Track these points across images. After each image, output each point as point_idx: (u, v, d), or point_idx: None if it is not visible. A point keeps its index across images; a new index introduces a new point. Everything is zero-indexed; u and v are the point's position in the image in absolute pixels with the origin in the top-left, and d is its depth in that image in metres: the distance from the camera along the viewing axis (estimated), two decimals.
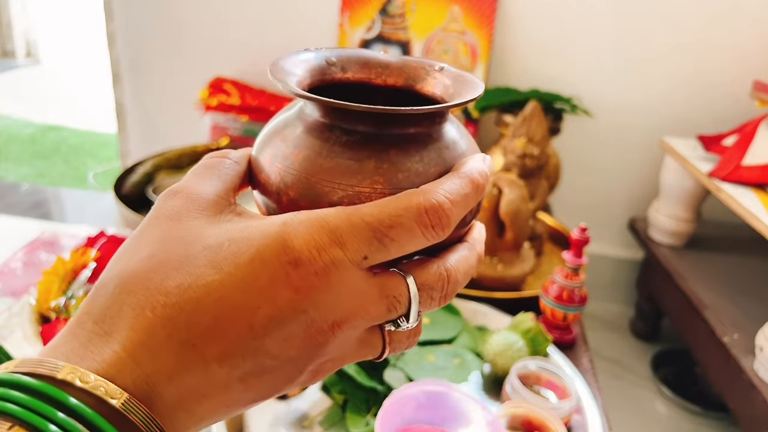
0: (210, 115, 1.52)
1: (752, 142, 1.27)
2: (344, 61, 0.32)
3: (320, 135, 0.28)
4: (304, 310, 0.24)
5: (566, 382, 0.78)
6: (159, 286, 0.24)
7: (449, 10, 1.50)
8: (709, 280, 1.39)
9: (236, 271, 0.24)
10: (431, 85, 0.32)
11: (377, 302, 0.25)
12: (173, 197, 0.27)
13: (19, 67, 4.29)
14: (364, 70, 0.32)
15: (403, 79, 0.32)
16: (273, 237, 0.24)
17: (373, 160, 0.27)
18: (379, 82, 0.32)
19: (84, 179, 2.60)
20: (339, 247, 0.24)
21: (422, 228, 0.25)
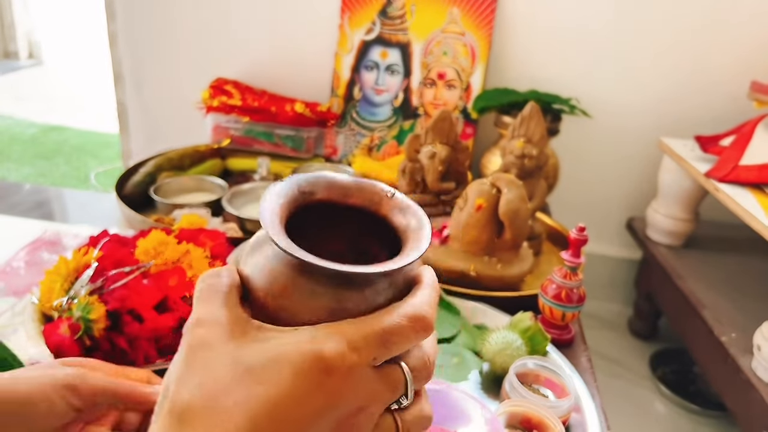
0: (211, 115, 1.53)
1: (750, 142, 1.28)
2: (312, 185, 0.36)
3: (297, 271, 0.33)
4: (336, 406, 0.30)
5: (565, 380, 0.79)
6: (217, 411, 0.29)
7: (449, 11, 1.51)
8: (707, 279, 1.40)
9: (282, 384, 0.29)
10: (388, 210, 0.37)
11: (384, 389, 0.32)
12: (199, 328, 0.32)
13: (21, 67, 4.30)
14: (330, 192, 0.37)
15: (363, 201, 0.37)
16: (307, 353, 0.29)
17: (336, 297, 0.32)
18: (345, 202, 0.37)
19: (86, 179, 2.62)
20: (357, 353, 0.30)
21: (415, 333, 0.32)
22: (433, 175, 1.19)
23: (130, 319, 0.75)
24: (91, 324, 0.72)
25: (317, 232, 0.35)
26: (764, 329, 1.09)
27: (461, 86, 1.54)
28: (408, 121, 1.58)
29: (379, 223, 0.37)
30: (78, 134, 3.14)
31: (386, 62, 1.56)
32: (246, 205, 1.27)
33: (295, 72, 1.69)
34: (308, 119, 1.51)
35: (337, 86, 1.60)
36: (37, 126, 3.21)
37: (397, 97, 1.57)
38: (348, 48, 1.58)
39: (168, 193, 1.29)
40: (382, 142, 1.59)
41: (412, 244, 0.34)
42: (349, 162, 1.58)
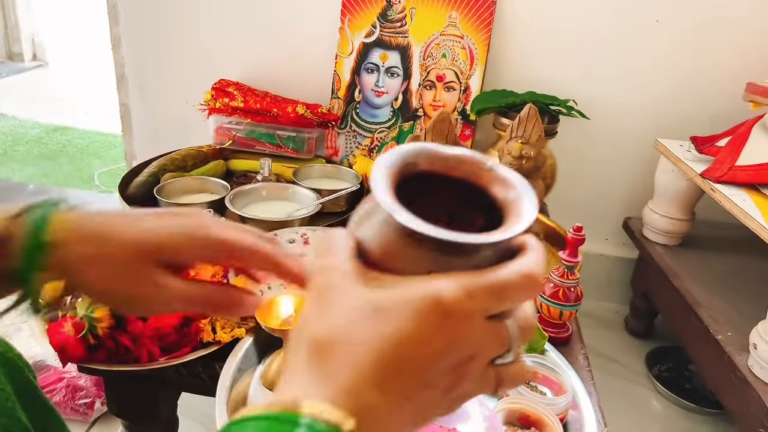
0: (214, 117, 1.54)
1: (746, 143, 1.29)
2: (416, 157, 0.38)
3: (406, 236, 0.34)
4: (452, 349, 0.32)
5: (562, 378, 0.80)
6: (350, 345, 0.32)
7: (448, 14, 1.52)
8: (703, 278, 1.40)
9: (406, 325, 0.31)
10: (488, 182, 0.38)
11: (493, 341, 0.34)
12: (327, 272, 0.35)
13: (25, 69, 4.32)
14: (432, 163, 0.38)
15: (464, 173, 0.38)
16: (428, 297, 0.32)
17: (446, 265, 0.34)
18: (446, 174, 0.38)
19: (89, 180, 2.63)
20: (472, 301, 0.32)
21: (526, 289, 0.34)
22: None
23: (134, 317, 0.76)
24: (94, 322, 0.73)
25: (420, 202, 0.36)
26: (760, 328, 1.09)
27: (460, 88, 1.55)
28: (407, 122, 1.59)
29: (480, 194, 0.38)
30: (82, 135, 3.15)
31: (386, 64, 1.57)
32: (248, 205, 1.28)
33: (296, 74, 1.70)
34: (309, 121, 1.52)
35: (338, 88, 1.61)
36: (41, 127, 3.22)
37: (396, 98, 1.59)
38: (348, 50, 1.59)
39: (171, 193, 1.30)
40: (382, 144, 1.60)
41: (514, 214, 0.35)
42: (350, 163, 1.59)
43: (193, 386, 0.86)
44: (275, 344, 0.81)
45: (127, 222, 0.48)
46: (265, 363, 0.79)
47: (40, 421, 0.60)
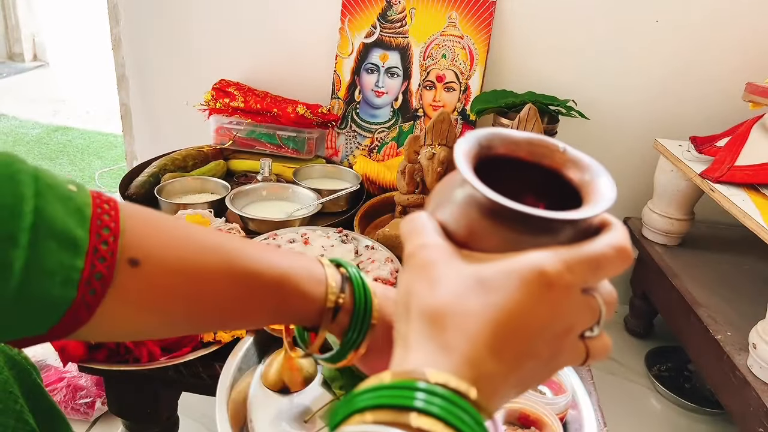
0: (214, 117, 1.54)
1: (745, 143, 1.29)
2: (490, 141, 0.39)
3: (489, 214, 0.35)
4: (556, 319, 0.33)
5: (562, 377, 0.79)
6: (462, 314, 0.33)
7: (448, 15, 1.53)
8: (703, 278, 1.41)
9: (512, 295, 0.32)
10: (561, 164, 0.39)
11: (587, 313, 0.35)
12: (425, 250, 0.36)
13: (26, 69, 4.32)
14: (507, 147, 0.39)
15: (536, 156, 0.39)
16: (532, 269, 0.33)
17: (534, 242, 0.34)
18: (520, 156, 0.39)
19: (90, 180, 2.63)
20: (572, 274, 0.33)
21: (621, 261, 0.35)
22: (432, 175, 1.20)
23: None
24: None
25: (496, 187, 0.36)
26: (759, 328, 1.09)
27: (460, 88, 1.55)
28: (407, 122, 1.59)
29: (554, 178, 0.39)
30: (82, 135, 3.16)
31: (386, 65, 1.58)
32: (249, 205, 1.29)
33: (296, 74, 1.70)
34: (309, 121, 1.52)
35: (338, 88, 1.61)
36: (41, 127, 3.23)
37: (396, 99, 1.59)
38: (348, 51, 1.59)
39: (171, 193, 1.31)
40: (383, 144, 1.61)
41: (594, 193, 0.36)
42: (350, 163, 1.60)
43: (194, 386, 0.86)
44: (275, 344, 0.81)
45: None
46: (265, 363, 0.80)
47: (47, 423, 0.60)
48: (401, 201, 1.26)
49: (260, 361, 0.82)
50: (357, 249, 1.04)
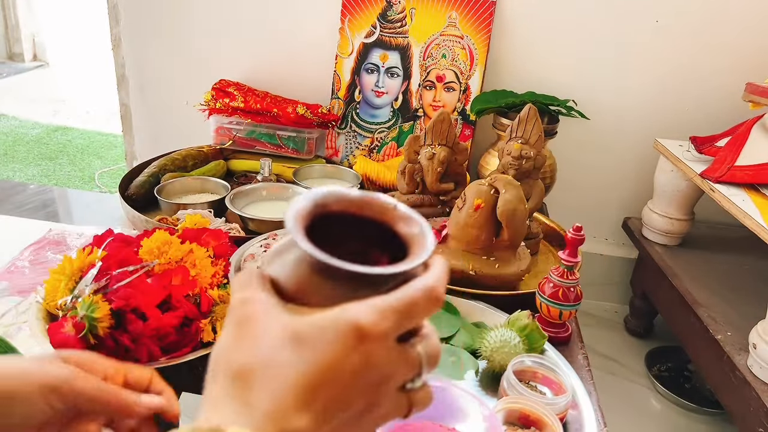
0: (214, 117, 1.54)
1: (745, 143, 1.29)
2: (325, 199, 0.40)
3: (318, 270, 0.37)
4: (370, 369, 0.33)
5: (562, 378, 0.79)
6: (272, 369, 0.32)
7: (448, 15, 1.53)
8: (703, 278, 1.41)
9: (327, 348, 0.32)
10: (393, 220, 0.41)
11: (405, 365, 0.35)
12: (245, 305, 0.35)
13: (26, 69, 4.32)
14: (341, 204, 0.41)
15: (371, 212, 0.41)
16: (347, 321, 0.33)
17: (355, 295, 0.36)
18: (354, 213, 0.41)
19: (90, 180, 2.63)
20: (386, 322, 0.33)
21: (431, 304, 0.35)
22: (432, 175, 1.20)
23: (134, 317, 0.76)
24: (95, 322, 0.73)
25: (329, 240, 0.38)
26: (759, 328, 1.09)
27: (460, 88, 1.55)
28: (407, 122, 1.59)
29: (385, 231, 0.41)
30: (82, 135, 3.16)
31: (386, 65, 1.58)
32: (248, 205, 1.29)
33: (296, 74, 1.70)
34: (309, 121, 1.52)
35: (338, 88, 1.61)
36: (41, 127, 3.23)
37: (396, 99, 1.59)
38: (349, 51, 1.59)
39: (171, 193, 1.31)
40: (383, 144, 1.61)
41: (419, 247, 0.38)
42: (350, 163, 1.60)
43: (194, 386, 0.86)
44: None
45: None
46: None
47: None
48: (401, 201, 1.25)
49: None
50: None
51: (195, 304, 0.81)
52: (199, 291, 0.82)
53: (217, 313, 0.81)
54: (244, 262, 0.96)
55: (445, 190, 1.23)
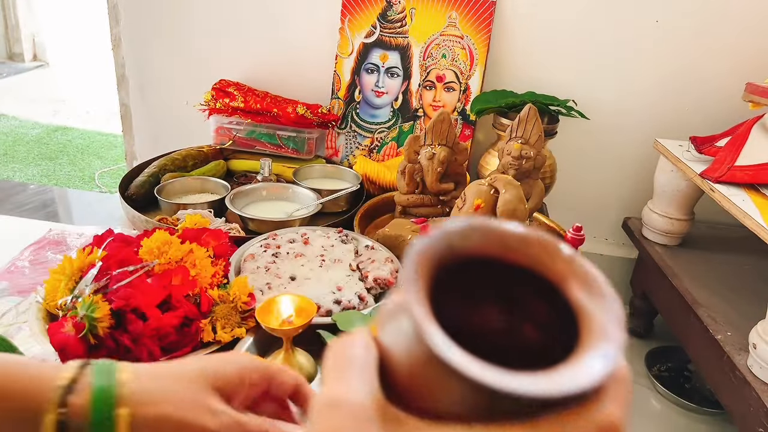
0: (214, 117, 1.54)
1: (745, 143, 1.29)
2: (467, 238, 0.28)
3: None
4: None
5: None
6: None
7: (448, 15, 1.53)
8: (703, 278, 1.41)
9: None
10: (563, 275, 0.28)
11: None
12: (335, 411, 0.25)
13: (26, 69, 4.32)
14: (487, 245, 0.29)
15: (528, 259, 0.29)
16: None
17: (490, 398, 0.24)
18: (505, 258, 0.29)
19: (90, 180, 2.63)
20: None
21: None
22: (432, 175, 1.20)
23: (134, 317, 0.76)
24: (95, 322, 0.73)
25: (463, 278, 0.28)
26: (759, 328, 1.09)
27: (460, 88, 1.55)
28: (407, 122, 1.59)
29: (546, 285, 0.29)
30: (82, 135, 3.16)
31: (386, 65, 1.58)
32: (248, 205, 1.29)
33: (296, 74, 1.70)
34: (309, 121, 1.52)
35: (338, 88, 1.61)
36: (41, 127, 3.23)
37: (396, 99, 1.59)
38: (348, 51, 1.59)
39: (171, 193, 1.31)
40: (383, 144, 1.61)
41: (599, 337, 0.25)
42: (350, 163, 1.60)
43: None
44: (275, 344, 0.81)
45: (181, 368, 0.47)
46: None
47: None
48: (401, 201, 1.26)
49: None
50: (357, 249, 1.04)
51: (195, 304, 0.81)
52: (199, 291, 0.82)
53: (217, 313, 0.81)
54: (244, 262, 0.97)
55: (445, 190, 1.23)
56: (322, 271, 0.96)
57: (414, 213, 1.25)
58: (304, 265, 0.97)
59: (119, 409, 0.42)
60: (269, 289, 0.89)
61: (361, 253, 1.03)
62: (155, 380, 0.45)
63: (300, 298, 0.77)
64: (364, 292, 0.92)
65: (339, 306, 0.87)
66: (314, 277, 0.94)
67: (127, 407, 0.42)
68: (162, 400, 0.44)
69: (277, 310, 0.75)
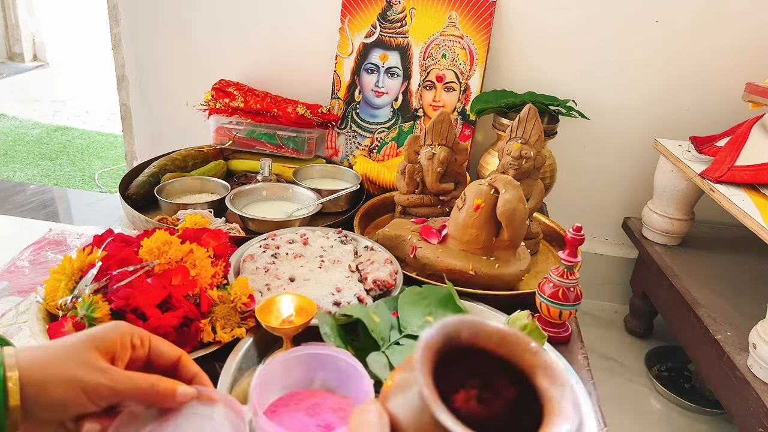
0: (214, 117, 1.54)
1: (745, 143, 1.29)
2: (460, 331, 0.37)
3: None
4: None
5: None
6: None
7: (448, 15, 1.53)
8: (703, 278, 1.41)
9: None
10: (530, 365, 0.36)
11: None
12: None
13: (26, 69, 4.33)
14: (474, 337, 0.37)
15: (506, 351, 0.37)
16: None
17: None
18: (486, 348, 0.37)
19: (90, 180, 2.63)
20: None
21: None
22: (432, 175, 1.20)
23: (134, 317, 0.76)
24: (95, 322, 0.73)
25: (450, 368, 0.36)
26: (759, 328, 1.10)
27: (460, 88, 1.55)
28: (407, 122, 1.59)
29: (515, 371, 0.37)
30: (82, 135, 3.16)
31: (386, 65, 1.58)
32: (248, 205, 1.29)
33: (296, 74, 1.70)
34: (309, 121, 1.52)
35: (338, 88, 1.61)
36: (41, 127, 3.23)
37: (396, 99, 1.59)
38: (348, 51, 1.59)
39: (171, 193, 1.31)
40: (383, 144, 1.61)
41: (557, 416, 0.33)
42: (350, 163, 1.60)
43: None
44: (275, 344, 0.81)
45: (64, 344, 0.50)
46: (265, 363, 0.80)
47: None
48: (401, 201, 1.26)
49: (260, 361, 0.82)
50: (356, 250, 1.04)
51: (195, 304, 0.81)
52: (199, 291, 0.82)
53: (217, 313, 0.81)
54: (243, 263, 0.96)
55: (445, 190, 1.23)
56: (322, 272, 0.95)
57: (414, 213, 1.25)
58: (303, 266, 0.96)
59: (7, 373, 0.46)
60: (268, 291, 0.89)
61: (360, 254, 1.03)
62: (39, 349, 0.49)
63: (300, 298, 0.77)
64: (364, 293, 0.92)
65: (338, 308, 0.87)
66: (313, 278, 0.94)
67: (13, 371, 0.46)
68: (48, 363, 0.47)
69: (277, 309, 0.75)
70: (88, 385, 0.48)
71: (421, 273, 1.04)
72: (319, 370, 0.66)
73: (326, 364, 0.66)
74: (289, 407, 0.62)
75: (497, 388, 0.39)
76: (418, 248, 1.05)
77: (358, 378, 0.63)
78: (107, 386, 0.48)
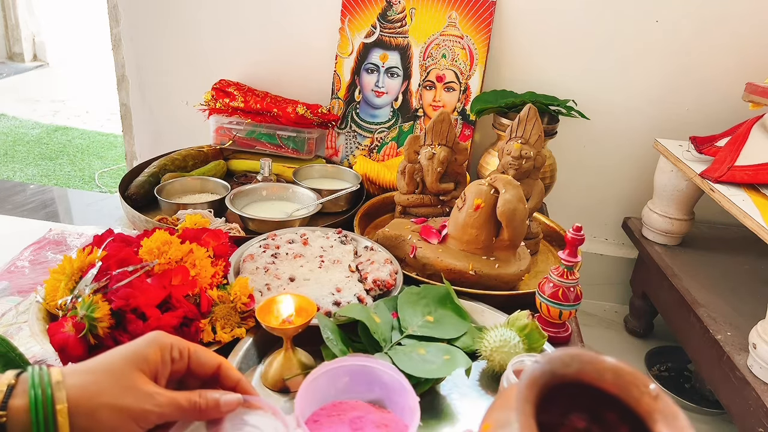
0: (214, 117, 1.54)
1: (745, 143, 1.29)
2: (568, 366, 0.34)
3: None
4: None
5: None
6: None
7: (448, 15, 1.53)
8: (703, 278, 1.41)
9: None
10: (648, 410, 0.33)
11: None
12: None
13: (26, 69, 4.32)
14: (583, 372, 0.34)
15: (618, 390, 0.34)
16: None
17: None
18: (597, 385, 0.34)
19: (90, 180, 2.63)
20: None
21: None
22: (432, 175, 1.20)
23: (134, 317, 0.76)
24: (95, 322, 0.73)
25: (557, 404, 0.33)
26: (759, 328, 1.10)
27: (460, 88, 1.55)
28: (407, 122, 1.59)
29: (630, 412, 0.33)
30: (82, 135, 3.16)
31: (386, 65, 1.58)
32: (248, 205, 1.29)
33: (296, 74, 1.70)
34: (309, 121, 1.52)
35: (338, 88, 1.61)
36: (41, 127, 3.23)
37: (396, 99, 1.59)
38: (348, 51, 1.59)
39: (171, 193, 1.31)
40: (383, 144, 1.61)
41: None
42: (350, 163, 1.60)
43: None
44: (275, 344, 0.81)
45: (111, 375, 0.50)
46: (265, 363, 0.80)
47: None
48: (401, 201, 1.26)
49: (260, 361, 0.82)
50: (356, 250, 1.04)
51: (195, 304, 0.81)
52: (198, 291, 0.82)
53: (217, 313, 0.81)
54: (243, 263, 0.96)
55: (445, 190, 1.23)
56: (322, 272, 0.96)
57: (414, 213, 1.25)
58: (303, 266, 0.96)
59: (57, 406, 0.46)
60: (268, 291, 0.89)
61: (360, 254, 1.03)
62: (86, 375, 0.49)
63: (300, 298, 0.77)
64: (364, 293, 0.92)
65: (338, 308, 0.87)
66: (313, 278, 0.94)
67: (63, 404, 0.46)
68: (96, 392, 0.48)
69: (277, 309, 0.75)
70: (136, 412, 0.49)
71: (421, 273, 1.04)
72: (363, 382, 0.66)
73: (372, 377, 0.66)
74: (332, 418, 0.62)
75: (609, 425, 0.36)
76: (418, 248, 1.05)
77: (403, 393, 0.63)
78: (155, 412, 0.50)
